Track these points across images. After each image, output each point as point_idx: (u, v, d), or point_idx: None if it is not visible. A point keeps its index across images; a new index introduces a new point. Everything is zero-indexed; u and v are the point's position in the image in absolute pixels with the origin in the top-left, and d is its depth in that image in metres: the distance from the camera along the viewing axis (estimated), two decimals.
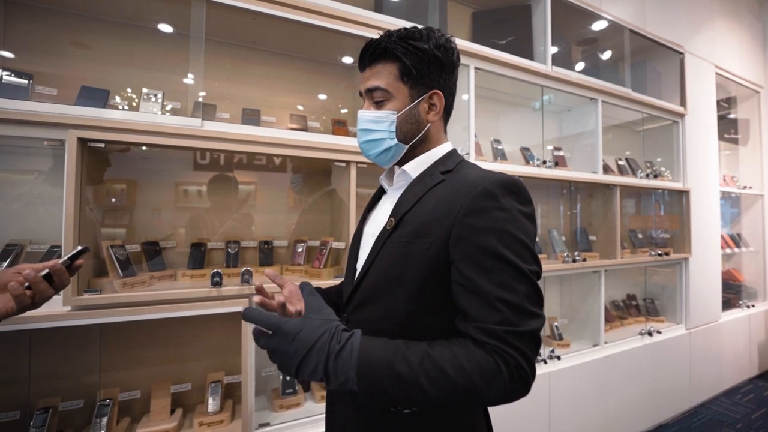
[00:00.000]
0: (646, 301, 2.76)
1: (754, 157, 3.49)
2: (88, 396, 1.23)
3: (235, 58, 1.59)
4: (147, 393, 1.30)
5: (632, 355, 2.30)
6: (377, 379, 0.52)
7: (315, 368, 0.52)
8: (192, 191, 1.50)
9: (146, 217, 1.41)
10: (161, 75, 1.44)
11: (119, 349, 1.30)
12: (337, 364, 0.52)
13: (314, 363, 0.52)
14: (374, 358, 0.53)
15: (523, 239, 0.58)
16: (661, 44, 2.59)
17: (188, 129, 1.21)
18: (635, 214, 2.85)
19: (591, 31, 2.39)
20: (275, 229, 1.64)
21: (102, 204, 1.31)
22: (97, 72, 1.35)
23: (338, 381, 0.52)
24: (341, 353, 0.53)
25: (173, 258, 1.43)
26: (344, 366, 0.52)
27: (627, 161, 2.62)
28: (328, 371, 0.52)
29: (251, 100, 1.60)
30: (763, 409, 2.69)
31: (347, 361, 0.52)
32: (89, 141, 1.10)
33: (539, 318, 0.56)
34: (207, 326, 1.40)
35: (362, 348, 0.54)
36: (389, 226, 0.66)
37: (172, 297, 1.17)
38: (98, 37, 1.36)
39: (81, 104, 1.20)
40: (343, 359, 0.52)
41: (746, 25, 3.38)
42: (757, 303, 3.33)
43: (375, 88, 0.68)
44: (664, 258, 2.48)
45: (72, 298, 1.05)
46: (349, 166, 1.45)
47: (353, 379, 0.52)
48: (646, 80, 2.61)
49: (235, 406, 1.36)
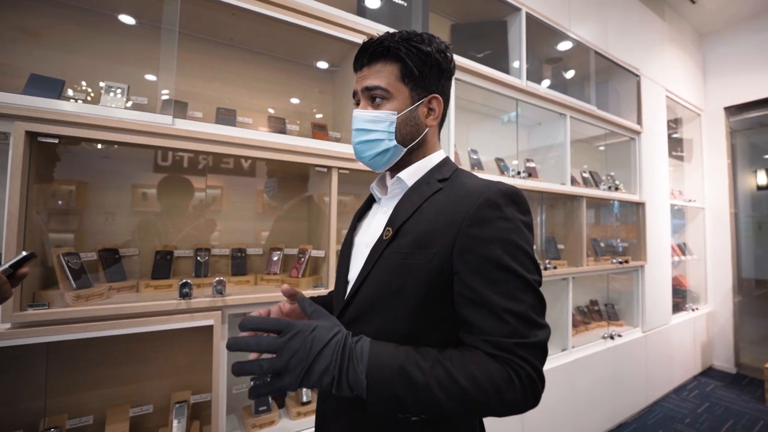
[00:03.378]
0: (607, 306, 2.92)
1: (697, 174, 3.85)
2: (30, 425, 1.08)
3: (209, 54, 1.50)
4: (101, 418, 1.16)
5: (597, 358, 2.41)
6: (388, 381, 0.50)
7: (327, 367, 0.49)
8: (151, 194, 1.38)
9: (98, 222, 1.27)
10: (126, 68, 1.33)
11: (69, 370, 1.16)
12: (350, 364, 0.50)
13: (328, 361, 0.49)
14: (385, 359, 0.51)
15: (527, 249, 0.57)
16: (621, 66, 2.79)
17: (157, 126, 1.12)
18: (596, 224, 3.02)
19: (559, 51, 2.52)
20: (244, 236, 1.55)
21: (47, 206, 1.17)
22: (50, 62, 1.22)
23: (348, 383, 0.49)
24: (353, 353, 0.51)
25: (134, 267, 1.31)
26: (355, 367, 0.50)
27: (591, 174, 2.78)
28: (342, 370, 0.50)
29: (223, 99, 1.51)
30: (706, 403, 2.93)
31: (358, 361, 0.50)
32: (40, 135, 0.98)
33: (546, 328, 0.55)
34: (171, 341, 1.29)
35: (373, 350, 0.52)
36: (386, 236, 0.63)
37: (136, 311, 1.06)
38: (51, 23, 1.23)
39: (30, 94, 1.06)
40: (354, 360, 0.50)
41: (690, 53, 3.74)
42: (700, 306, 3.65)
43: (374, 87, 0.65)
44: (624, 266, 2.64)
45: (13, 314, 0.91)
46: (331, 171, 1.40)
47: (363, 382, 0.49)
48: (608, 99, 2.80)
49: (203, 427, 1.26)
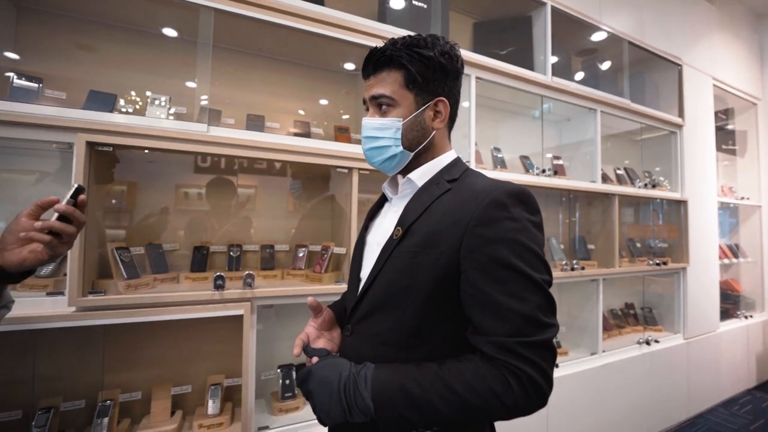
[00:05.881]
0: (644, 310, 2.77)
1: (752, 168, 3.52)
2: (90, 396, 1.24)
3: (240, 64, 1.62)
4: (147, 394, 1.30)
5: (630, 363, 2.30)
6: (392, 403, 0.54)
7: (334, 406, 0.56)
8: (192, 194, 1.52)
9: (146, 219, 1.42)
10: (167, 80, 1.47)
11: (121, 351, 1.31)
12: (356, 392, 0.55)
13: (336, 400, 0.56)
14: (387, 383, 0.55)
15: (534, 249, 0.58)
16: (659, 56, 2.63)
17: (195, 134, 1.24)
18: (633, 223, 2.87)
19: (590, 42, 2.43)
20: (275, 234, 1.66)
21: (102, 205, 1.33)
22: (104, 75, 1.38)
23: (359, 409, 0.55)
24: (357, 382, 0.55)
25: (175, 260, 1.45)
26: (361, 393, 0.55)
27: (626, 170, 2.65)
28: (350, 400, 0.55)
29: (255, 105, 1.63)
30: (761, 420, 2.69)
31: (363, 388, 0.55)
32: (97, 145, 1.13)
33: (552, 327, 0.55)
34: (208, 329, 1.41)
35: (375, 375, 0.56)
36: (396, 235, 0.65)
37: (175, 299, 1.18)
38: (105, 42, 1.39)
39: (89, 108, 1.22)
40: (359, 388, 0.55)
41: (743, 38, 3.43)
42: (755, 314, 3.34)
43: (379, 96, 0.68)
44: (662, 267, 2.50)
45: (77, 299, 1.06)
46: (351, 172, 1.47)
47: (371, 406, 0.54)
48: (645, 91, 2.65)
49: (235, 409, 1.37)
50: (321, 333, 0.75)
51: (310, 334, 0.74)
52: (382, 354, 0.62)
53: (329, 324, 0.77)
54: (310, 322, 0.76)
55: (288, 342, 1.60)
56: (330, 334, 0.76)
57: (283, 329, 1.60)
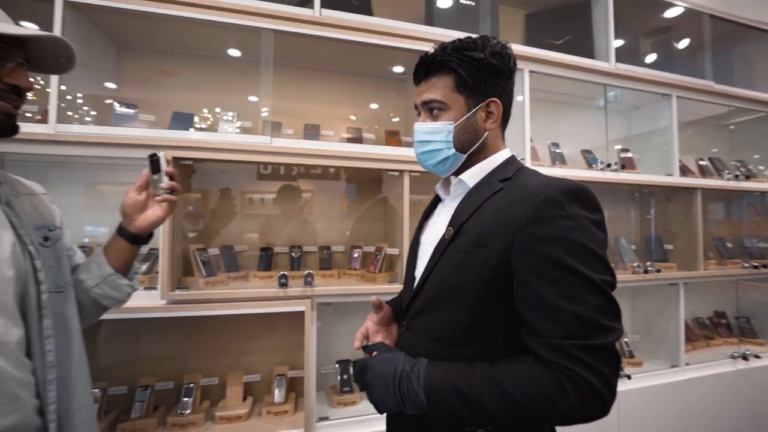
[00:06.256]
0: (739, 320, 2.41)
1: None
2: (177, 379, 1.42)
3: (296, 77, 1.74)
4: (223, 380, 1.46)
5: (722, 380, 2.02)
6: (444, 399, 0.55)
7: (393, 396, 0.58)
8: (256, 199, 1.67)
9: (217, 223, 1.60)
10: (233, 96, 1.64)
11: (201, 340, 1.49)
12: (409, 387, 0.57)
13: (392, 393, 0.59)
14: (439, 379, 0.56)
15: (593, 248, 0.55)
16: (750, 26, 2.29)
17: (259, 146, 1.36)
18: (723, 221, 2.52)
19: (662, 20, 2.19)
20: (331, 235, 1.75)
21: (182, 211, 1.51)
22: (183, 96, 1.59)
23: (412, 403, 0.57)
24: (410, 378, 0.57)
25: (244, 260, 1.60)
26: (415, 389, 0.57)
27: (711, 161, 2.34)
28: (404, 395, 0.58)
29: (311, 114, 1.74)
30: None
31: (417, 383, 0.57)
32: (180, 160, 1.29)
33: (615, 332, 0.52)
34: (274, 323, 1.54)
35: (428, 372, 0.57)
36: (448, 235, 0.66)
37: (246, 295, 1.31)
38: (182, 67, 1.60)
39: (173, 128, 1.41)
40: (412, 384, 0.57)
41: None
42: None
43: (431, 101, 0.69)
44: (761, 271, 2.16)
45: (167, 293, 1.23)
46: (403, 175, 1.50)
47: (423, 400, 0.56)
48: (733, 69, 2.32)
49: (298, 399, 1.47)
50: (379, 328, 0.79)
51: (369, 328, 0.78)
52: (435, 350, 0.63)
53: (388, 320, 0.80)
54: (369, 317, 0.80)
55: (345, 338, 1.68)
56: (387, 329, 0.79)
57: (341, 326, 1.67)
